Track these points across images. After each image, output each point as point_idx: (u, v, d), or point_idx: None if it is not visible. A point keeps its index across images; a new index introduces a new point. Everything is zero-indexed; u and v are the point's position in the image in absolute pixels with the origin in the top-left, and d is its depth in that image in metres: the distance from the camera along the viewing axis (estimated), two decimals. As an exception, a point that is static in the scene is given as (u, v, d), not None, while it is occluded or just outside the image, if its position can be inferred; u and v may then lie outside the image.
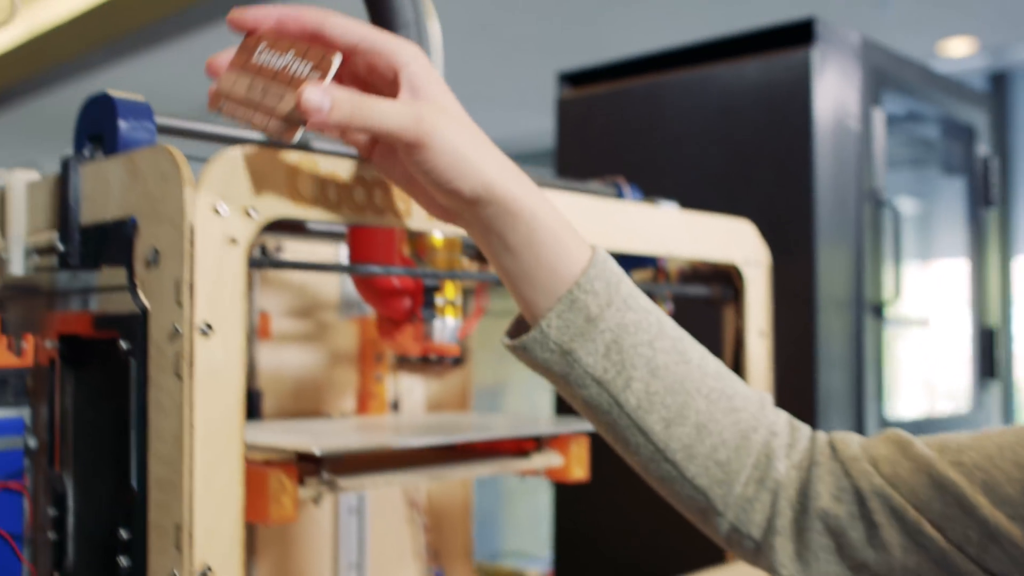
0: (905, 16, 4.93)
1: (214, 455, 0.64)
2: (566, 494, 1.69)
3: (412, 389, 1.36)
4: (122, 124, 0.74)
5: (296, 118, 0.61)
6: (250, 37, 0.67)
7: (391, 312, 0.85)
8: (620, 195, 1.15)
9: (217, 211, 0.64)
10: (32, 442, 0.77)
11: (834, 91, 1.37)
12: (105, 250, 0.72)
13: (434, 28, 0.85)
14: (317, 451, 0.79)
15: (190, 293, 0.63)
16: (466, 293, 1.08)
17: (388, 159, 0.70)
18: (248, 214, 0.66)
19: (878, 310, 1.42)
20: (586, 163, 1.59)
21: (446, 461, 0.97)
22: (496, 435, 0.96)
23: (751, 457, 0.69)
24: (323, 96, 0.61)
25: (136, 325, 0.67)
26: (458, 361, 1.34)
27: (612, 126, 1.57)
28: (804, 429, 0.72)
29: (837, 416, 1.37)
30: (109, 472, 0.72)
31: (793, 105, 1.35)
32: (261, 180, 0.67)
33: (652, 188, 1.27)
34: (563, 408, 1.66)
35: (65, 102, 6.51)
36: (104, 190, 0.71)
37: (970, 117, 1.71)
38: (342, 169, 0.71)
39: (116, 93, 0.75)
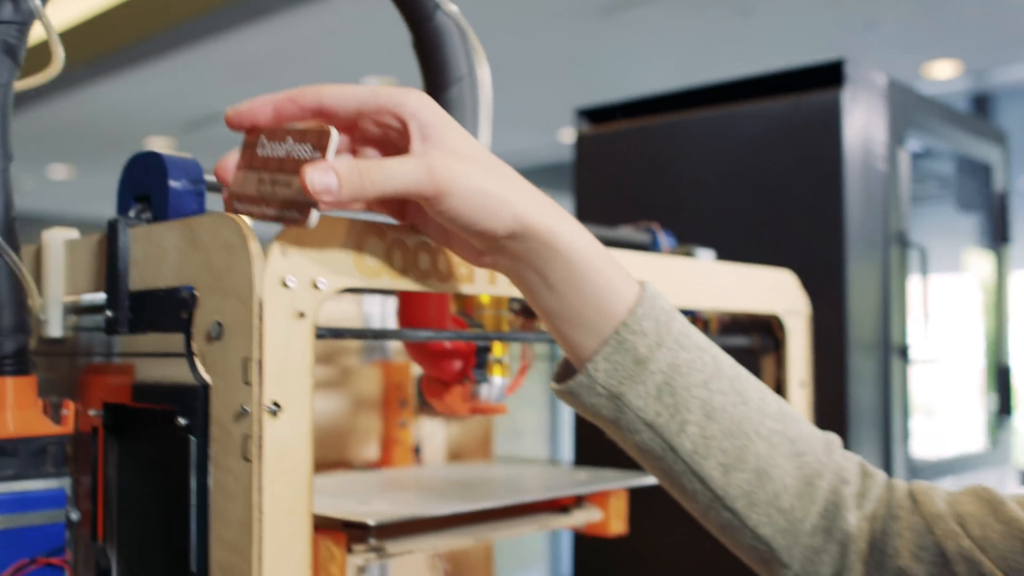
0: (890, 39, 4.97)
1: (283, 540, 0.61)
2: (588, 542, 1.67)
3: (434, 434, 1.33)
4: (173, 184, 0.71)
5: (306, 201, 0.59)
6: (251, 133, 0.65)
7: (442, 373, 0.83)
8: (655, 242, 1.13)
9: (286, 284, 0.61)
10: (75, 515, 0.73)
11: (862, 132, 1.36)
12: (158, 318, 0.69)
13: (485, 76, 0.83)
14: (371, 521, 0.76)
15: (259, 371, 0.60)
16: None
17: (421, 217, 0.67)
18: (316, 286, 0.63)
19: (903, 352, 1.41)
20: (605, 200, 1.57)
21: (487, 518, 0.95)
22: (548, 495, 0.93)
23: (816, 505, 0.66)
24: (325, 174, 0.58)
25: (196, 401, 0.64)
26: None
27: (632, 164, 1.55)
28: (879, 476, 0.69)
29: (867, 459, 1.36)
30: (159, 549, 0.69)
31: (823, 146, 1.34)
32: (327, 250, 0.64)
33: (674, 228, 1.25)
34: (581, 442, 1.63)
35: (43, 119, 6.44)
36: (157, 256, 0.68)
37: (986, 154, 1.71)
38: (407, 235, 0.69)
39: (164, 151, 0.72)
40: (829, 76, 1.35)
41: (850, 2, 4.42)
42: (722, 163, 1.44)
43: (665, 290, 0.94)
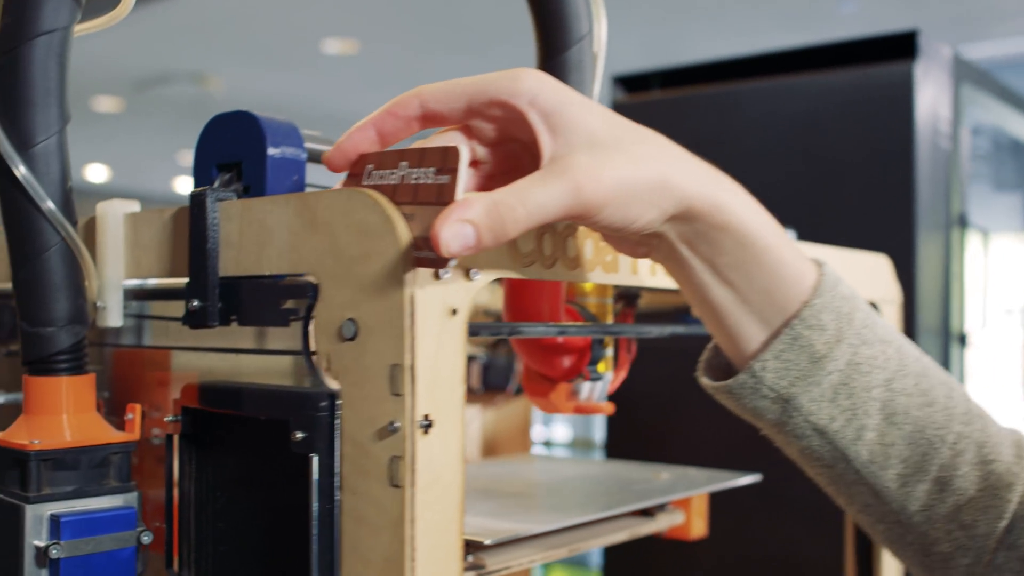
0: (861, 13, 4.95)
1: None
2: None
3: (471, 420, 1.23)
4: (272, 152, 0.60)
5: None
6: (355, 166, 0.55)
7: (552, 370, 0.73)
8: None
9: (439, 275, 0.51)
10: (146, 537, 0.62)
11: (930, 109, 1.29)
12: (258, 311, 0.58)
13: (603, 32, 0.73)
14: (488, 541, 0.67)
15: (412, 380, 0.50)
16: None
17: None
18: (469, 276, 0.53)
19: (962, 339, 1.35)
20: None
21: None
22: (661, 500, 0.84)
23: (1003, 520, 0.59)
24: (460, 228, 0.48)
25: (316, 412, 0.53)
26: (520, 390, 1.22)
27: (672, 136, 1.46)
28: None
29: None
30: (255, 581, 0.59)
31: (893, 123, 1.26)
32: (479, 234, 0.54)
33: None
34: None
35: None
36: (258, 237, 0.57)
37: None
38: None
39: (259, 112, 0.61)
40: (900, 47, 1.28)
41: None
42: (774, 138, 1.36)
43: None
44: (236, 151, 0.61)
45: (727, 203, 0.55)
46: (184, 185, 9.65)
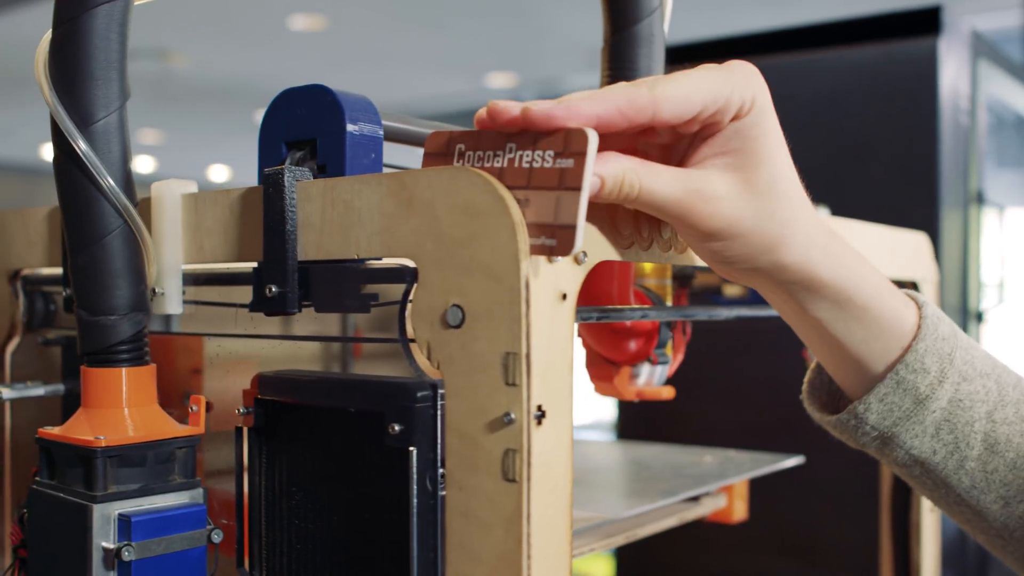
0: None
1: (549, 574, 0.49)
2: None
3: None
4: (351, 128, 0.57)
5: (567, 224, 0.46)
6: (433, 144, 0.52)
7: (619, 354, 0.71)
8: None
9: (551, 259, 0.48)
10: (216, 536, 0.59)
11: (952, 85, 1.28)
12: (342, 296, 0.55)
13: (668, 5, 0.71)
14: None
15: (527, 369, 0.47)
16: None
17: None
18: (578, 260, 0.50)
19: (979, 316, 1.35)
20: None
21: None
22: (718, 485, 0.83)
23: None
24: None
25: (417, 405, 0.51)
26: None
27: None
28: None
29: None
30: (339, 579, 0.56)
31: (917, 99, 1.25)
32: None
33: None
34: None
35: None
36: (343, 219, 0.54)
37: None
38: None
39: (334, 87, 0.58)
40: (923, 23, 1.26)
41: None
42: (796, 113, 1.34)
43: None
44: (309, 128, 0.58)
45: (822, 271, 0.54)
46: (144, 164, 9.46)
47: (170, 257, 0.62)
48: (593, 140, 0.46)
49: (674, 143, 0.53)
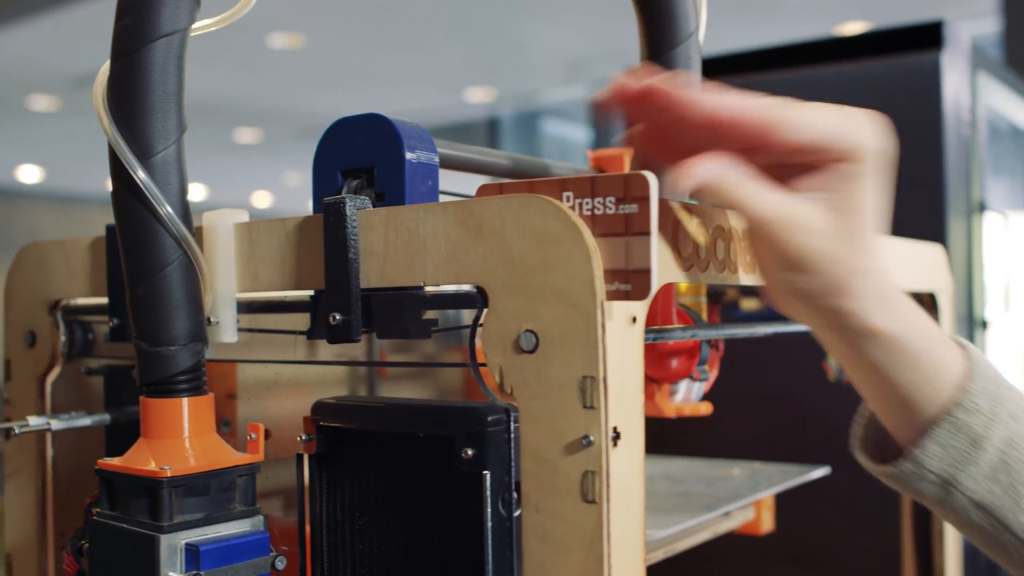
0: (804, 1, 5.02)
1: (626, 597, 0.50)
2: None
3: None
4: (409, 156, 0.58)
5: (640, 269, 0.48)
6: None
7: (662, 372, 0.72)
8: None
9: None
10: (280, 563, 0.60)
11: (954, 97, 1.31)
12: (406, 323, 0.56)
13: (703, 25, 0.72)
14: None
15: (604, 392, 0.48)
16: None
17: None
18: (647, 284, 0.51)
19: (984, 324, 1.38)
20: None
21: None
22: (752, 499, 0.84)
23: None
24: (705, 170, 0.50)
25: (490, 429, 0.51)
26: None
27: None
28: None
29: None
30: (406, 603, 0.56)
31: (921, 111, 1.28)
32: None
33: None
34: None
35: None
36: (407, 246, 0.54)
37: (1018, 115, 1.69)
38: (710, 221, 0.58)
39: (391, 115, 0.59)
40: (925, 37, 1.29)
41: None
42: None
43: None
44: (367, 156, 0.59)
45: (885, 322, 0.55)
46: (120, 185, 9.39)
47: (224, 286, 0.63)
48: (654, 184, 0.47)
49: (778, 166, 0.54)
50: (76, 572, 0.65)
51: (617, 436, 0.49)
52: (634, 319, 0.50)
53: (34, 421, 0.70)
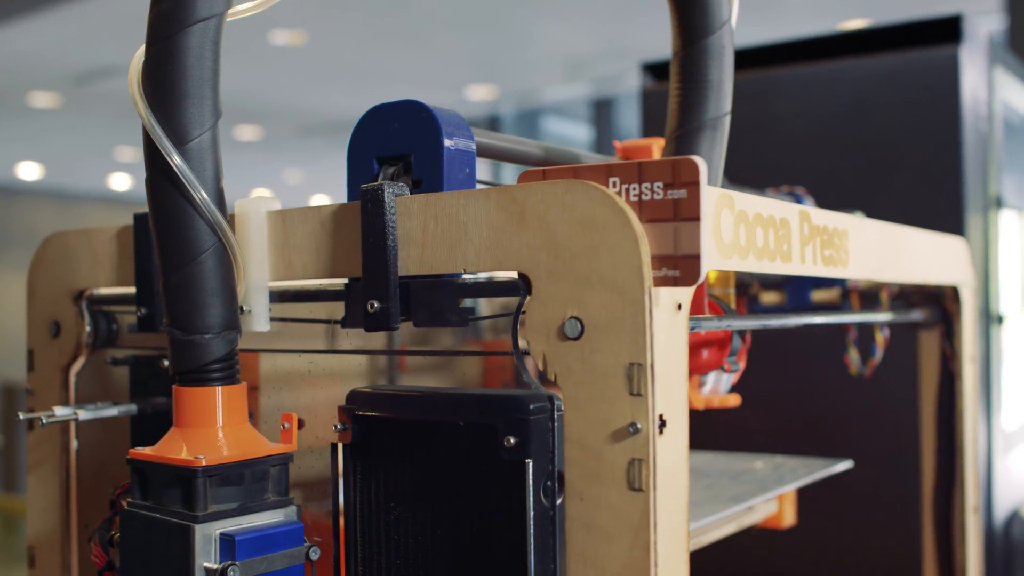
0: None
1: (672, 587, 0.49)
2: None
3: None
4: (448, 143, 0.57)
5: (689, 255, 0.49)
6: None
7: (692, 364, 0.71)
8: (807, 207, 1.04)
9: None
10: (315, 554, 0.59)
11: (972, 91, 1.30)
12: (443, 312, 0.55)
13: (735, 16, 0.72)
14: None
15: (651, 379, 0.48)
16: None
17: None
18: (692, 271, 0.51)
19: (1000, 320, 1.37)
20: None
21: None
22: (777, 492, 0.83)
23: None
24: None
25: (533, 417, 0.51)
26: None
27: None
28: None
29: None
30: (443, 594, 0.56)
31: (940, 106, 1.27)
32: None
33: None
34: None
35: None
36: (448, 233, 0.54)
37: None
38: (765, 212, 0.57)
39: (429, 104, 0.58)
40: (944, 31, 1.29)
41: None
42: (818, 123, 1.36)
43: (877, 261, 0.84)
44: (404, 143, 0.58)
45: None
46: (120, 182, 9.38)
47: (257, 274, 0.62)
48: (703, 169, 0.47)
49: None
50: (105, 563, 0.64)
51: (663, 424, 0.48)
52: (679, 306, 0.50)
53: (60, 411, 0.69)
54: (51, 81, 5.98)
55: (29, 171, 8.58)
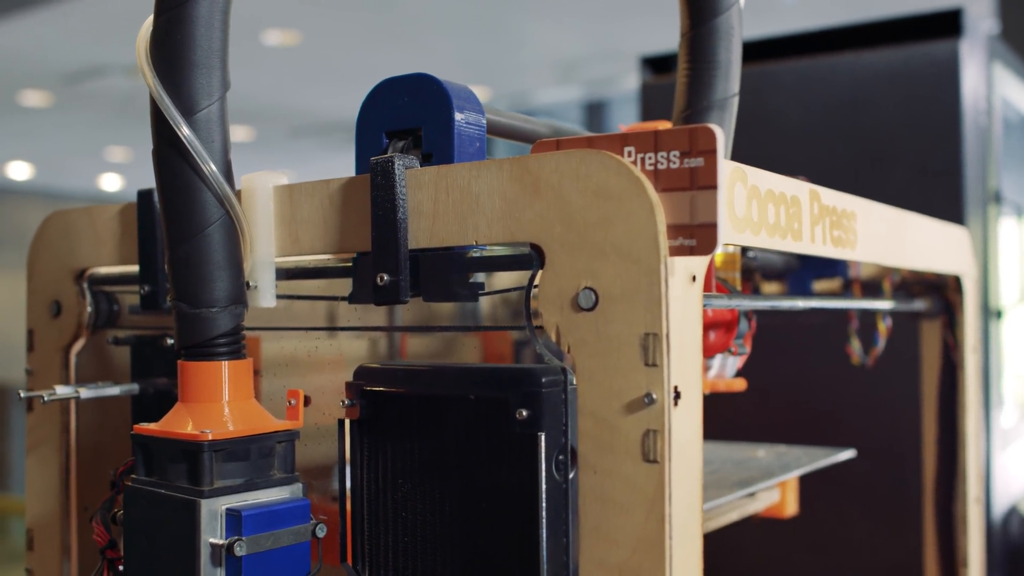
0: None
1: (687, 556, 0.49)
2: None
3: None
4: (458, 117, 0.57)
5: (705, 223, 0.48)
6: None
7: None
8: (810, 197, 1.03)
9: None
10: (321, 531, 0.58)
11: (972, 86, 1.30)
12: (452, 286, 0.55)
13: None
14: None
15: (667, 350, 0.47)
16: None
17: None
18: (707, 243, 0.51)
19: (999, 314, 1.38)
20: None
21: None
22: (781, 478, 0.83)
23: None
24: None
25: (545, 390, 0.50)
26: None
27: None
28: None
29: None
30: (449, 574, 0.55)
31: (940, 101, 1.27)
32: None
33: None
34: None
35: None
36: (459, 205, 0.53)
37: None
38: (776, 188, 0.57)
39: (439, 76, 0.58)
40: (943, 25, 1.29)
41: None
42: (816, 115, 1.36)
43: (883, 246, 0.84)
44: (414, 117, 0.58)
45: None
46: (111, 182, 9.34)
47: (264, 249, 0.61)
48: (721, 137, 0.47)
49: None
50: (107, 542, 0.63)
51: (678, 395, 0.48)
52: (694, 277, 0.50)
53: (62, 390, 0.69)
54: (42, 80, 5.96)
55: (19, 171, 8.54)
